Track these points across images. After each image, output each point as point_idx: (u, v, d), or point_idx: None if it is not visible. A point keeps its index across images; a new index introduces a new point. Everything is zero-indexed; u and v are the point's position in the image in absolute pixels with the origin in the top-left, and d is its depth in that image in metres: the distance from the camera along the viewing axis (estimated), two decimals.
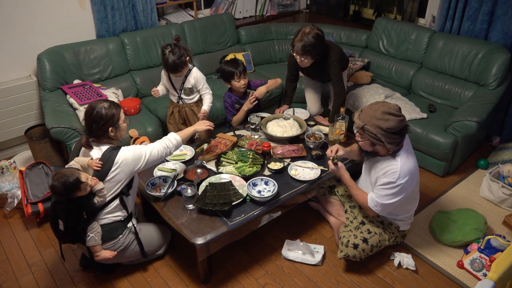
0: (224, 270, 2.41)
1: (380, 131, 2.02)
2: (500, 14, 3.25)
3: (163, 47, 2.70)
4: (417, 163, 2.21)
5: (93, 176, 2.02)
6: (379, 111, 2.03)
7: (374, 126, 2.03)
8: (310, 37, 2.61)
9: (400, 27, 3.81)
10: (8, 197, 2.78)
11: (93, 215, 2.09)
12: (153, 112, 3.37)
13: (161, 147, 2.19)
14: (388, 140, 2.04)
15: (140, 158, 2.10)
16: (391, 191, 2.14)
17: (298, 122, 2.93)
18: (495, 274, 1.59)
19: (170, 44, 2.68)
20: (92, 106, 2.08)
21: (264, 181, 2.39)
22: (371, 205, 2.23)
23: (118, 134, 2.14)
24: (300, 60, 2.74)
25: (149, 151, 2.14)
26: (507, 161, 3.12)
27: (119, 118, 2.11)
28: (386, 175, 2.13)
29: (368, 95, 3.48)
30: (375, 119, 2.03)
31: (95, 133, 2.08)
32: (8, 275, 2.40)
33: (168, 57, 2.65)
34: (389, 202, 2.17)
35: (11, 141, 3.34)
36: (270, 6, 4.87)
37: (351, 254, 2.27)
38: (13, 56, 3.18)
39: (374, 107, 2.07)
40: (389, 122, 2.00)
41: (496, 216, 2.80)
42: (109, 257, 2.15)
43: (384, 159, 2.17)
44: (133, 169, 2.09)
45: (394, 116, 2.01)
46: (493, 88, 3.23)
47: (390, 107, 2.04)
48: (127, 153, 2.07)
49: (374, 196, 2.20)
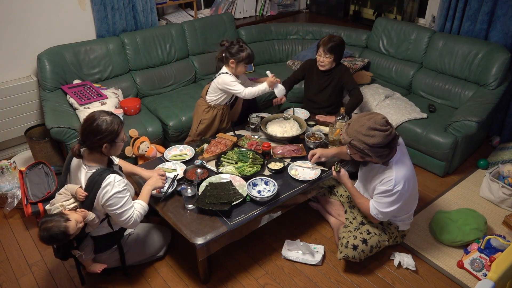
0: (224, 270, 2.41)
1: (366, 147, 2.01)
2: (500, 14, 3.25)
3: (236, 42, 2.74)
4: (411, 166, 2.20)
5: (80, 206, 1.98)
6: (365, 126, 2.00)
7: (360, 142, 2.02)
8: (337, 39, 2.97)
9: (400, 27, 3.81)
10: (8, 197, 2.79)
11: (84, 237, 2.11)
12: (153, 112, 3.37)
13: (137, 217, 2.09)
14: (376, 154, 2.03)
15: (117, 205, 1.98)
16: (390, 199, 2.14)
17: (298, 122, 2.93)
18: (495, 274, 1.60)
19: (238, 40, 2.78)
20: (94, 116, 1.94)
21: (264, 181, 2.39)
22: (373, 213, 2.23)
23: (112, 151, 2.02)
24: (323, 59, 3.00)
25: (130, 212, 2.03)
26: (507, 161, 3.12)
27: (117, 136, 1.98)
28: (383, 183, 2.13)
29: (368, 95, 3.48)
30: (361, 135, 2.01)
31: (88, 145, 1.97)
32: (8, 275, 2.40)
33: (247, 48, 2.74)
34: (390, 209, 2.17)
35: (11, 141, 3.34)
36: (270, 6, 4.87)
37: (351, 255, 2.27)
38: (13, 56, 3.18)
39: (361, 121, 2.04)
40: (375, 138, 1.98)
41: (496, 216, 2.80)
42: (98, 271, 2.17)
43: (378, 167, 2.17)
44: (104, 208, 2.00)
45: (380, 132, 1.98)
46: (493, 88, 3.23)
47: (377, 121, 2.00)
48: (109, 190, 1.95)
49: (375, 204, 2.21)
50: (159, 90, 3.65)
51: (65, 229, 1.86)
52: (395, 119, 3.20)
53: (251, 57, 2.78)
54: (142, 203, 2.14)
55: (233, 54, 2.74)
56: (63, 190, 2.01)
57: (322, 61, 3.01)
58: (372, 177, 2.23)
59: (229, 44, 2.77)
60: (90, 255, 2.15)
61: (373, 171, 2.23)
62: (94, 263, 2.19)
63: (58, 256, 2.15)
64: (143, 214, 2.12)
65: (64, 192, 2.00)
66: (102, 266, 2.18)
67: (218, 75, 2.82)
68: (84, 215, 1.95)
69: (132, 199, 2.09)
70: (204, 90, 2.95)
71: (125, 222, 2.03)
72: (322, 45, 2.96)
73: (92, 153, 2.01)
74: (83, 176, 2.00)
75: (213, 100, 2.88)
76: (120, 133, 2.00)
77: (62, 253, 2.12)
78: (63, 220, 1.87)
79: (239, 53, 2.73)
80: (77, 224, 1.91)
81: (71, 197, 1.99)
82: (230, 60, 2.76)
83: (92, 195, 1.95)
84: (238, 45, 2.74)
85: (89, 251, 2.14)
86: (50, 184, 2.66)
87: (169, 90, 3.70)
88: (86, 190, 1.96)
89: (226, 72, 2.80)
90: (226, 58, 2.78)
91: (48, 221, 1.87)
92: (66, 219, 1.89)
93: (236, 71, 2.80)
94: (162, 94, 3.63)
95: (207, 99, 2.90)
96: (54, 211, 1.96)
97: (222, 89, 2.81)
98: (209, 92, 2.89)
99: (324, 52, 2.96)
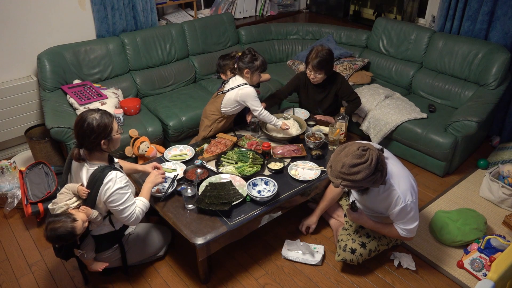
0: (224, 270, 2.41)
1: (358, 183, 1.93)
2: (500, 14, 3.25)
3: (248, 52, 2.71)
4: (405, 170, 2.13)
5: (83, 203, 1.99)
6: (346, 166, 1.88)
7: (350, 182, 1.92)
8: (324, 53, 2.85)
9: (400, 27, 3.81)
10: (8, 197, 2.79)
11: (85, 235, 2.11)
12: (153, 112, 3.37)
13: (139, 213, 2.10)
14: (371, 183, 1.95)
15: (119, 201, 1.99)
16: (410, 215, 2.09)
17: (298, 122, 2.93)
18: (495, 274, 1.59)
19: (249, 49, 2.74)
20: (83, 118, 1.93)
21: (264, 181, 2.39)
22: (404, 235, 2.18)
23: (111, 145, 2.03)
24: (314, 76, 2.93)
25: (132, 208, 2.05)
26: (507, 161, 3.12)
27: (112, 129, 1.98)
28: (395, 205, 2.06)
29: (368, 95, 3.48)
30: (346, 175, 1.91)
31: (86, 146, 1.97)
32: (8, 275, 2.40)
33: (259, 56, 2.72)
34: (415, 224, 2.13)
35: (11, 141, 3.34)
36: (270, 6, 4.87)
37: (349, 258, 2.27)
38: (13, 56, 3.18)
39: (340, 161, 1.92)
40: (360, 174, 1.87)
41: (496, 216, 2.80)
42: (99, 270, 2.16)
43: (381, 194, 2.09)
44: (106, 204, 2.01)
45: (361, 165, 1.87)
46: (493, 88, 3.23)
47: (354, 155, 1.88)
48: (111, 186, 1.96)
49: (401, 225, 2.15)
50: (159, 90, 3.65)
51: (72, 229, 1.88)
52: (395, 119, 3.20)
53: (265, 64, 2.76)
54: (144, 199, 2.15)
55: (247, 64, 2.70)
56: (64, 189, 2.01)
57: (313, 78, 2.94)
58: (373, 202, 2.18)
59: (241, 55, 2.74)
60: (91, 253, 2.15)
61: (374, 198, 2.15)
62: (96, 262, 2.19)
63: (59, 255, 2.15)
64: (144, 211, 2.13)
65: (66, 192, 2.00)
66: (103, 265, 2.18)
67: (237, 87, 2.73)
68: (87, 213, 1.96)
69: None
70: (218, 103, 2.81)
71: (127, 218, 2.04)
72: (311, 62, 2.88)
73: (93, 154, 2.02)
74: (84, 174, 2.00)
75: (228, 111, 2.82)
76: (113, 126, 2.00)
77: (64, 252, 2.12)
78: (70, 221, 1.89)
79: (253, 62, 2.70)
80: (84, 223, 1.93)
81: (74, 196, 2.00)
82: (244, 70, 2.71)
83: (94, 192, 1.96)
84: (251, 55, 2.71)
85: (91, 249, 2.14)
86: (50, 184, 2.67)
87: (169, 90, 3.70)
88: (88, 187, 1.97)
89: (246, 84, 2.75)
90: (239, 68, 2.73)
91: (56, 221, 1.88)
92: (73, 219, 1.90)
93: (251, 80, 2.75)
94: (162, 94, 3.63)
95: (222, 111, 2.82)
96: (58, 211, 1.96)
97: (240, 101, 2.75)
98: (224, 104, 2.79)
99: (313, 69, 2.89)
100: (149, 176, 2.27)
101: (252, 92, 2.72)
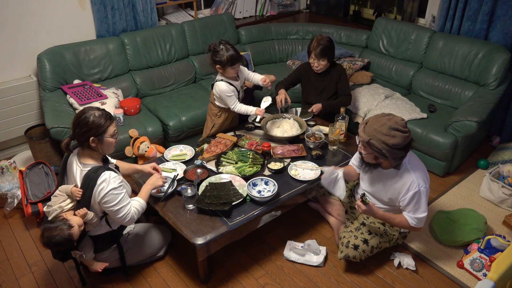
0: (224, 270, 2.41)
1: (386, 147, 1.97)
2: (500, 14, 3.25)
3: (213, 46, 2.56)
4: (420, 161, 2.21)
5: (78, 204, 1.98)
6: (386, 126, 1.97)
7: (380, 142, 1.97)
8: (325, 41, 2.91)
9: (400, 27, 3.81)
10: (8, 197, 2.79)
11: (83, 236, 2.10)
12: (153, 112, 3.37)
13: (134, 213, 2.09)
14: (392, 156, 2.00)
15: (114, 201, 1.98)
16: (421, 201, 2.11)
17: (298, 122, 2.93)
18: (495, 274, 1.60)
19: (220, 41, 2.58)
20: (84, 110, 1.97)
21: (264, 181, 2.39)
22: (413, 224, 2.18)
23: (100, 147, 1.99)
24: (318, 64, 2.98)
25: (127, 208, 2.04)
26: (507, 161, 3.12)
27: (105, 131, 1.96)
28: (409, 189, 2.09)
29: (368, 95, 3.48)
30: (381, 134, 1.97)
31: (76, 138, 1.98)
32: (8, 275, 2.40)
33: (228, 49, 2.53)
34: (424, 214, 2.14)
35: (11, 141, 3.34)
36: (270, 6, 4.87)
37: (351, 255, 2.27)
38: (13, 56, 3.18)
39: (380, 121, 2.00)
40: (395, 139, 1.95)
41: (496, 216, 2.80)
42: (99, 270, 2.16)
43: (394, 178, 2.14)
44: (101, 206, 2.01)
45: (400, 133, 1.96)
46: (493, 88, 3.23)
47: (397, 122, 1.98)
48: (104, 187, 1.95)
49: (411, 214, 2.16)
50: (159, 90, 3.65)
51: (69, 236, 1.89)
52: None
53: (234, 58, 2.54)
54: (140, 200, 2.15)
55: (215, 60, 2.58)
56: (58, 192, 2.01)
57: (317, 66, 2.98)
58: (391, 189, 2.19)
59: (212, 48, 2.59)
60: (90, 254, 2.15)
61: (389, 182, 2.17)
62: (96, 262, 2.19)
63: (57, 257, 2.15)
64: (140, 211, 2.13)
65: (59, 194, 2.00)
66: (103, 265, 2.17)
67: (214, 83, 2.73)
68: (83, 215, 1.95)
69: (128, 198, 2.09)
70: (212, 96, 2.85)
71: (122, 218, 2.04)
72: (313, 51, 2.92)
73: (84, 149, 2.02)
74: (78, 174, 2.00)
75: (221, 105, 2.81)
76: (108, 129, 1.98)
77: (62, 254, 2.13)
78: (66, 228, 1.89)
79: (219, 58, 2.55)
80: (80, 227, 1.92)
81: (68, 198, 1.99)
82: (216, 66, 2.61)
83: (88, 192, 1.95)
84: (218, 49, 2.54)
85: (89, 250, 2.14)
86: (50, 184, 2.66)
87: (169, 90, 3.70)
88: (82, 188, 1.96)
89: (221, 80, 2.68)
90: (212, 63, 2.62)
91: (52, 229, 1.88)
92: (69, 225, 1.90)
93: (227, 74, 2.65)
94: (162, 94, 3.63)
95: (216, 104, 2.82)
96: (53, 214, 1.96)
97: (220, 97, 2.74)
98: (215, 99, 2.81)
99: (316, 57, 2.93)
100: (150, 178, 2.27)
101: (223, 87, 2.64)
